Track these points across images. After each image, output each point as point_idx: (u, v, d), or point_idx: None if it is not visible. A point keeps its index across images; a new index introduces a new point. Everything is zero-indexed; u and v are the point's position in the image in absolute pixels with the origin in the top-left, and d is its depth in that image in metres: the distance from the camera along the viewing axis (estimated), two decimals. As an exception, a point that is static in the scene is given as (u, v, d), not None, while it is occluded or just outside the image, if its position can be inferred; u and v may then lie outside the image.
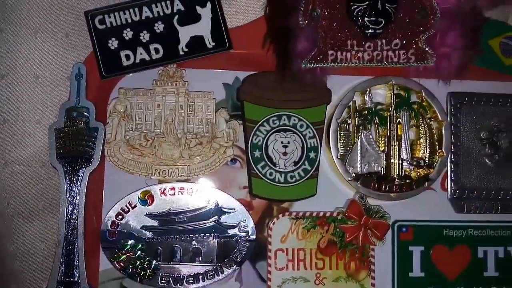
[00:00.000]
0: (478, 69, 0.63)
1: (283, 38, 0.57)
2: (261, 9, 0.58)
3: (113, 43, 0.56)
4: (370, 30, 0.58)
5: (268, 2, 0.58)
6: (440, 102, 0.64)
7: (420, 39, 0.60)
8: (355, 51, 0.60)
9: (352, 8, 0.58)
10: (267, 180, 0.61)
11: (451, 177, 0.65)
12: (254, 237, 0.60)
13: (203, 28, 0.58)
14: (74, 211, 0.57)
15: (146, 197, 0.59)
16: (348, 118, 0.64)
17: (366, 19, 0.58)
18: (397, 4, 0.59)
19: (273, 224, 0.60)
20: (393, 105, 0.64)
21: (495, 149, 0.65)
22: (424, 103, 0.65)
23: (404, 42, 0.60)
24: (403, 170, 0.63)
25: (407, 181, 0.63)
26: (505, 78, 0.65)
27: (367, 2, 0.58)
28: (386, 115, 0.64)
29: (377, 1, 0.57)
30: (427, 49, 0.60)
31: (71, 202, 0.57)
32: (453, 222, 0.65)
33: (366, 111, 0.64)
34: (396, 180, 0.63)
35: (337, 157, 0.63)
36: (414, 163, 0.64)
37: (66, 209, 0.56)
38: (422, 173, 0.64)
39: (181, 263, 0.59)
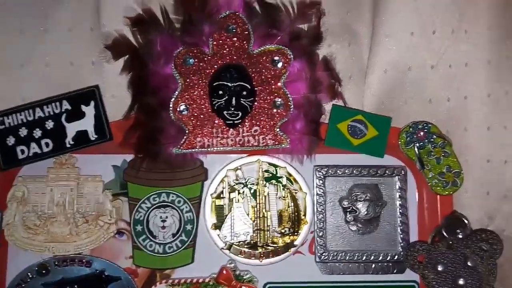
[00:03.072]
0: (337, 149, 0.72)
1: (153, 132, 0.67)
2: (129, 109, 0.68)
3: (10, 140, 0.67)
4: (229, 121, 0.68)
5: (135, 102, 0.67)
6: (303, 176, 0.73)
7: (276, 126, 0.69)
8: (220, 137, 0.69)
9: (214, 103, 0.68)
10: (147, 251, 0.70)
11: (317, 242, 0.73)
12: (138, 302, 0.70)
13: (87, 123, 0.68)
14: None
15: (42, 269, 0.68)
16: (222, 193, 0.74)
17: (225, 112, 0.68)
18: (253, 97, 0.69)
19: (151, 291, 0.70)
20: (262, 180, 0.74)
21: (355, 216, 0.74)
22: (290, 177, 0.74)
23: (262, 129, 0.69)
24: (271, 238, 0.72)
25: (274, 247, 0.72)
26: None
27: (225, 99, 0.68)
28: (256, 188, 0.74)
29: (231, 99, 0.67)
30: (282, 134, 0.69)
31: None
32: (320, 283, 0.72)
33: (238, 186, 0.74)
34: (264, 247, 0.72)
35: (211, 228, 0.72)
36: (281, 231, 0.73)
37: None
38: (288, 240, 0.72)
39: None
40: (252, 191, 0.73)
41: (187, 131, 0.69)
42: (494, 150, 0.73)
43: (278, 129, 0.69)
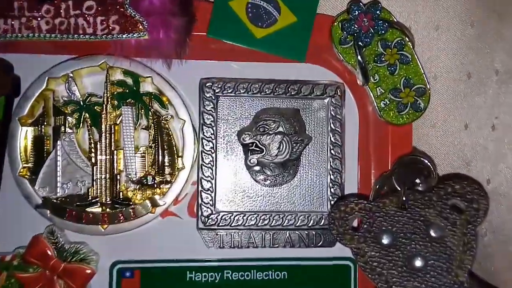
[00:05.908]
0: (232, 46, 0.45)
1: None
2: None
3: None
4: (38, -14, 0.42)
5: None
6: (182, 94, 0.47)
7: (124, 1, 0.43)
8: (26, 17, 0.43)
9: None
10: None
11: (201, 198, 0.48)
12: None
13: None
14: None
15: None
16: (41, 117, 0.47)
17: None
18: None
19: None
20: (109, 98, 0.47)
21: (261, 158, 0.47)
22: (161, 96, 0.47)
23: (101, 4, 0.43)
24: (121, 191, 0.47)
25: (128, 206, 0.46)
26: (276, 58, 0.46)
27: None
28: (100, 111, 0.47)
29: None
30: (134, 14, 0.43)
31: None
32: (205, 261, 0.47)
33: (69, 106, 0.47)
34: (112, 205, 0.46)
35: (20, 174, 0.45)
36: (142, 180, 0.47)
37: None
38: (151, 193, 0.47)
39: None
40: (94, 115, 0.47)
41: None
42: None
43: (128, 8, 0.44)
